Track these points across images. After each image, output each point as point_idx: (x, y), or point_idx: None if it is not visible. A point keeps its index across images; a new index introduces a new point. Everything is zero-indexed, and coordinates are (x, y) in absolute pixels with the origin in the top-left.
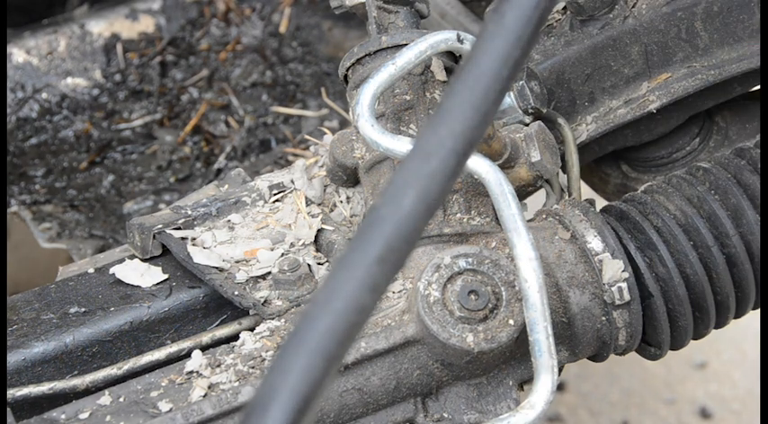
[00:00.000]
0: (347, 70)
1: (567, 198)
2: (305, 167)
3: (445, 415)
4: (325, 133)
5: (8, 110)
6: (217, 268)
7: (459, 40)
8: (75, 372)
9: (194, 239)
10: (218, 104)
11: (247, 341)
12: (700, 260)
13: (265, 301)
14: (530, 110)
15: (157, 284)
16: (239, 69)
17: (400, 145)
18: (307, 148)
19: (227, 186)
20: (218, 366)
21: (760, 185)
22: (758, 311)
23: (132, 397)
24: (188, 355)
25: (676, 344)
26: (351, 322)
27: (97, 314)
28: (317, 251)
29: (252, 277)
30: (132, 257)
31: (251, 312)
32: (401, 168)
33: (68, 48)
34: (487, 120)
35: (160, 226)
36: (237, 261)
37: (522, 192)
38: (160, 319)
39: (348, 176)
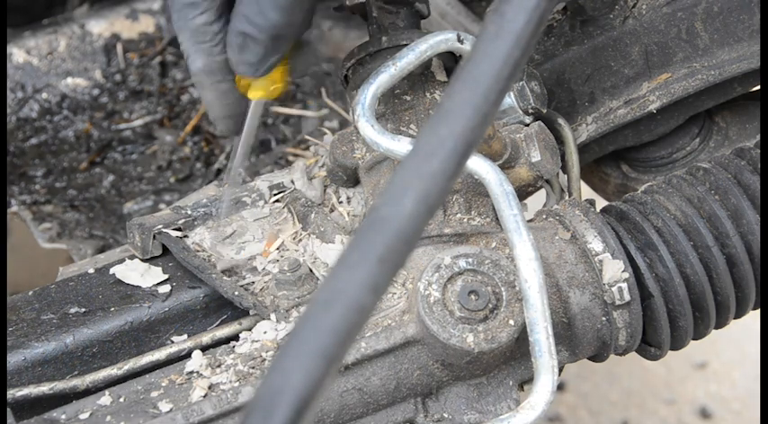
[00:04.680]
0: (347, 70)
1: (567, 198)
2: (305, 167)
3: (445, 415)
4: (325, 133)
5: (8, 110)
6: (217, 268)
7: (460, 41)
8: (76, 372)
9: (195, 239)
10: None
11: (248, 341)
12: (700, 260)
13: None
14: (530, 111)
15: (157, 284)
16: None
17: (400, 145)
18: (307, 148)
19: (227, 186)
20: (219, 366)
21: (760, 185)
22: (758, 311)
23: (132, 397)
24: (188, 355)
25: (676, 344)
26: (351, 322)
27: (97, 314)
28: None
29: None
30: (132, 257)
31: (251, 312)
32: (401, 168)
33: (68, 48)
34: (488, 121)
35: (160, 226)
36: (238, 261)
37: (523, 192)
38: (160, 319)
39: (348, 176)
